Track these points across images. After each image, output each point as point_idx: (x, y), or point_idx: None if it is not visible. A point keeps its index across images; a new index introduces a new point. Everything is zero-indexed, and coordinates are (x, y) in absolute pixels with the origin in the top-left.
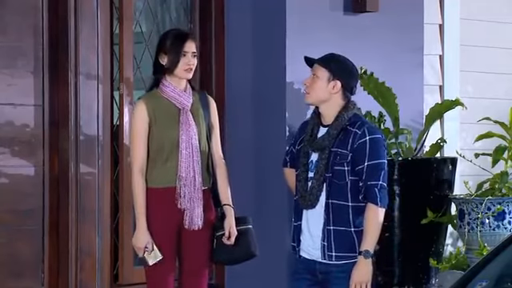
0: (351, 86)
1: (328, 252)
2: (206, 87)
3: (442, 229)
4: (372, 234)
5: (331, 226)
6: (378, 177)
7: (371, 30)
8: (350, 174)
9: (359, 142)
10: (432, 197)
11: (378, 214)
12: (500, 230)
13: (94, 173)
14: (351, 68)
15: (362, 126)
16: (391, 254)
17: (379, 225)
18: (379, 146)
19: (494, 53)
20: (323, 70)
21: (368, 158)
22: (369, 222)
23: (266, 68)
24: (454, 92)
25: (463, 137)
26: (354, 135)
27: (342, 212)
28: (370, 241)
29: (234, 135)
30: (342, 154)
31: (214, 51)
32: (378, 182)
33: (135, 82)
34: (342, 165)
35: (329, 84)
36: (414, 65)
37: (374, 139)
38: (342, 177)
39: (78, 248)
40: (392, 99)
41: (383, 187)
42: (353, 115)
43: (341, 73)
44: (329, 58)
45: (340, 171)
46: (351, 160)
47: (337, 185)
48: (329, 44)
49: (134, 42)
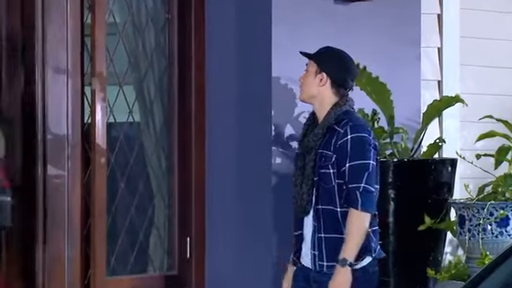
0: (342, 79)
1: (319, 261)
2: (185, 83)
3: (440, 236)
4: (352, 241)
5: (322, 234)
6: (359, 179)
7: (364, 20)
8: (337, 177)
9: (340, 142)
10: (430, 201)
11: (359, 219)
12: (503, 237)
13: (62, 175)
14: (343, 60)
15: (346, 124)
16: (386, 263)
17: (361, 231)
18: (362, 145)
19: (496, 45)
20: (312, 63)
21: (349, 159)
22: (348, 227)
23: (250, 62)
24: (454, 88)
25: (463, 136)
26: (338, 134)
27: (332, 218)
28: (349, 248)
29: (215, 134)
30: (327, 156)
31: (194, 44)
32: (359, 185)
33: (108, 77)
34: (327, 167)
35: (316, 77)
36: (411, 58)
37: (356, 138)
38: (328, 180)
39: (46, 255)
40: (386, 95)
41: (367, 190)
42: (342, 113)
43: (328, 65)
44: (320, 50)
45: (326, 174)
46: (336, 161)
47: (324, 189)
48: (318, 36)
49: (107, 33)
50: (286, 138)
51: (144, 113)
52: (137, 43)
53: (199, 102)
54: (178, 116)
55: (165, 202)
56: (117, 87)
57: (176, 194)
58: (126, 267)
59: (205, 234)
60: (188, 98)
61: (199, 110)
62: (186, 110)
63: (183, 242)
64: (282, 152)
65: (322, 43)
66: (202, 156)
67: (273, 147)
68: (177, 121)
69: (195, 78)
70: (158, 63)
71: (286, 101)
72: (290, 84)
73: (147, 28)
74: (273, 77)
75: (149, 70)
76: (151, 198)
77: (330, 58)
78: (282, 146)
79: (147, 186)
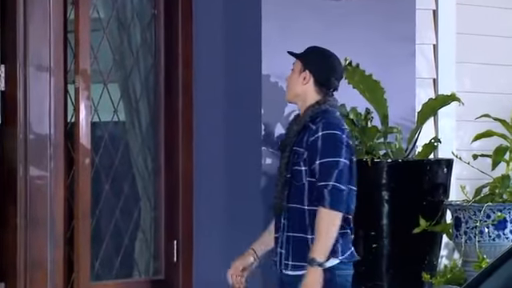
0: (325, 78)
1: (285, 261)
2: (172, 80)
3: (436, 239)
4: (321, 240)
5: (290, 233)
6: (329, 177)
7: (357, 16)
8: (308, 175)
9: (312, 139)
10: (425, 203)
11: (327, 217)
12: (501, 240)
13: (45, 176)
14: (327, 59)
15: (319, 121)
16: (379, 266)
17: (330, 230)
18: (333, 142)
19: (494, 42)
20: (298, 62)
21: (320, 156)
22: (317, 226)
23: (239, 59)
24: (450, 86)
25: (460, 136)
26: (310, 131)
27: (299, 217)
28: (318, 248)
29: (203, 134)
30: (299, 153)
31: (181, 40)
32: (328, 183)
33: (92, 75)
34: (299, 164)
35: (300, 75)
36: (405, 55)
37: (327, 135)
38: (299, 177)
39: (28, 259)
40: (380, 94)
41: (336, 188)
42: (321, 111)
43: (312, 63)
44: (306, 49)
45: (297, 171)
46: (307, 159)
47: (295, 186)
48: (309, 32)
49: (91, 29)
50: (277, 137)
51: (129, 112)
52: (122, 39)
53: (186, 101)
54: (165, 115)
55: (151, 204)
56: (101, 85)
57: (162, 196)
58: (111, 271)
59: (192, 236)
60: (175, 96)
61: (186, 109)
62: (172, 108)
63: (170, 245)
64: (272, 152)
65: (314, 40)
66: (190, 156)
67: (263, 147)
68: (163, 120)
69: (182, 76)
70: (143, 60)
71: (277, 99)
72: (280, 82)
73: (133, 24)
74: (263, 74)
75: (134, 68)
76: (137, 200)
77: (315, 57)
78: (272, 146)
79: (133, 188)
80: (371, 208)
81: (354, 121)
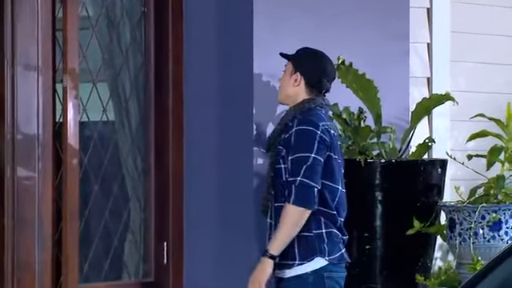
0: (316, 80)
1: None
2: (162, 79)
3: (430, 240)
4: (278, 234)
5: None
6: (297, 172)
7: (350, 14)
8: (287, 172)
9: (286, 136)
10: (419, 204)
11: (290, 213)
12: (496, 241)
13: (33, 177)
14: (319, 60)
15: (296, 118)
16: (373, 268)
17: (290, 226)
18: (304, 137)
19: (489, 40)
20: (289, 63)
21: (291, 152)
22: (280, 221)
23: (231, 58)
24: (444, 85)
25: (454, 136)
26: (287, 129)
27: None
28: (275, 242)
29: (194, 134)
30: (279, 151)
31: (171, 38)
32: (296, 179)
33: (81, 74)
34: (279, 162)
35: (291, 77)
36: (399, 54)
37: (299, 131)
38: (280, 176)
39: (15, 261)
40: (373, 93)
41: (304, 184)
42: (305, 109)
43: (303, 65)
44: (298, 51)
45: (279, 169)
46: (285, 156)
47: (278, 185)
48: (301, 31)
49: (80, 27)
50: (268, 137)
51: (119, 111)
52: (111, 38)
53: (177, 100)
54: (155, 115)
55: (140, 205)
56: (90, 84)
57: (152, 197)
58: (100, 274)
59: (183, 238)
60: (165, 95)
61: (177, 108)
62: (162, 108)
63: (160, 246)
64: (263, 152)
65: (306, 38)
66: (180, 156)
67: (254, 147)
68: (153, 120)
69: (172, 75)
70: (133, 59)
71: (268, 98)
72: (272, 81)
73: (122, 22)
74: (254, 73)
75: (124, 66)
76: (126, 201)
77: (306, 58)
78: (263, 146)
79: (122, 189)
80: (364, 209)
81: (347, 120)
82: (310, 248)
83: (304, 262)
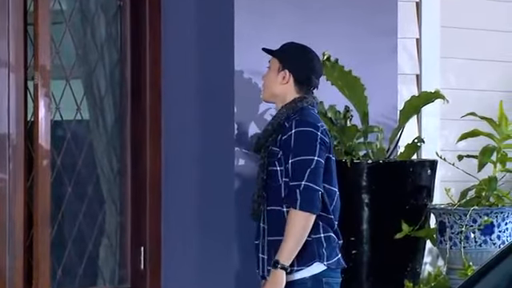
0: (305, 77)
1: (267, 266)
2: (139, 76)
3: (419, 245)
4: (287, 242)
5: (270, 237)
6: (301, 176)
7: (335, 8)
8: (284, 175)
9: (285, 137)
10: (407, 207)
11: (297, 219)
12: (487, 245)
13: (3, 179)
14: (307, 57)
15: (293, 118)
16: (359, 274)
17: (299, 232)
18: (306, 139)
19: (480, 36)
20: (275, 60)
21: (292, 155)
22: (286, 228)
23: (211, 54)
24: (434, 82)
25: (444, 136)
26: (284, 129)
27: (279, 219)
28: (283, 250)
29: (172, 134)
30: (274, 152)
31: (149, 33)
32: (300, 183)
33: (54, 70)
34: (274, 164)
35: (279, 74)
36: (387, 50)
37: (300, 132)
38: (275, 178)
39: None
40: (360, 91)
41: (309, 188)
42: (298, 109)
43: (291, 61)
44: (283, 46)
45: (273, 172)
46: (282, 158)
47: (272, 188)
48: (285, 26)
49: (53, 22)
50: (251, 137)
51: (93, 109)
52: (85, 33)
53: (154, 98)
54: (131, 113)
55: (116, 208)
56: (63, 81)
57: (129, 199)
58: (74, 280)
59: (160, 243)
60: (142, 93)
61: (154, 107)
62: (139, 106)
63: (137, 251)
64: (245, 153)
65: (290, 34)
66: (158, 157)
67: (236, 147)
68: (130, 119)
69: (150, 72)
70: (108, 55)
71: (250, 97)
72: (254, 78)
73: (97, 16)
74: (235, 70)
75: (99, 63)
76: (101, 204)
77: (294, 54)
78: (245, 147)
79: (97, 191)
80: (351, 212)
81: (333, 119)
82: (308, 253)
83: (303, 267)
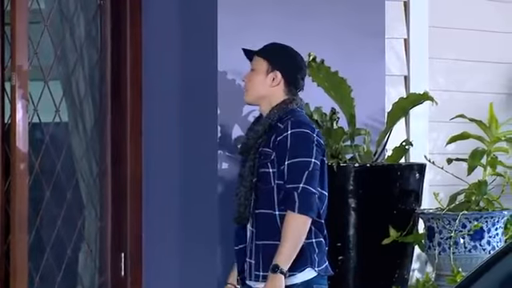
0: (294, 77)
1: (255, 271)
2: (119, 77)
3: (407, 250)
4: (285, 246)
5: (259, 241)
6: (298, 179)
7: (322, 7)
8: (277, 177)
9: (280, 138)
10: (395, 211)
11: (295, 222)
12: (477, 251)
13: None
14: (295, 57)
15: (288, 119)
16: (346, 280)
17: (297, 236)
18: (303, 141)
19: (469, 36)
20: (262, 61)
21: (289, 157)
22: (283, 232)
23: (193, 54)
24: (422, 84)
25: (433, 138)
26: (278, 130)
27: (270, 223)
28: (282, 254)
29: (154, 136)
30: (267, 153)
31: (129, 34)
32: (298, 185)
33: (32, 71)
34: (266, 166)
35: (268, 76)
36: (374, 51)
37: (296, 133)
38: (267, 180)
39: None
40: (347, 92)
41: (306, 191)
42: (289, 111)
43: (281, 62)
44: (268, 47)
45: (265, 174)
46: (275, 159)
47: (263, 190)
48: (269, 25)
49: (31, 21)
50: (234, 139)
51: (73, 112)
52: (64, 33)
53: (135, 100)
54: (111, 115)
55: (96, 213)
56: (42, 83)
57: (109, 204)
58: (52, 287)
59: (141, 249)
60: (123, 94)
61: (135, 109)
62: (120, 108)
63: (117, 258)
64: (229, 156)
65: (274, 33)
66: (139, 161)
67: (219, 150)
68: (110, 121)
69: (130, 72)
70: (88, 55)
71: (234, 98)
72: (237, 79)
73: (76, 15)
74: (219, 71)
75: (78, 64)
76: (81, 208)
77: (282, 55)
78: (229, 150)
79: (76, 195)
80: (337, 217)
81: (319, 122)
82: (301, 258)
83: (295, 272)
